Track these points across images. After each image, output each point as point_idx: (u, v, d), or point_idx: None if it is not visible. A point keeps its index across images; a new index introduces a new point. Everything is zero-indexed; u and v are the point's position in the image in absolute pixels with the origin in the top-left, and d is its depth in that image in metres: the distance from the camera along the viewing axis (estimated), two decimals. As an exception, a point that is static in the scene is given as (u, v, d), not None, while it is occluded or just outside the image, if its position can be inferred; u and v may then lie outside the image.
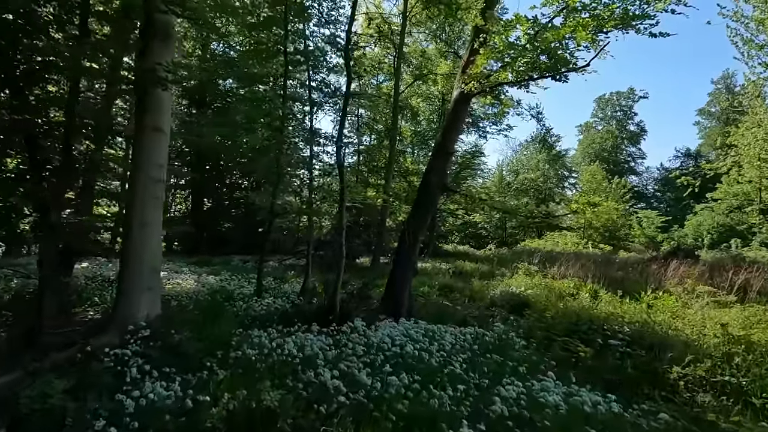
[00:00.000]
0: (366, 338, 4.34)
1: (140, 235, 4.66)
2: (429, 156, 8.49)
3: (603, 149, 52.75)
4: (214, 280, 10.15)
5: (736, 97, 42.96)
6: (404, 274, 6.81)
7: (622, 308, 7.17)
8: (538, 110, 32.76)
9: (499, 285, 10.08)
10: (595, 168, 41.81)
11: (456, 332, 5.00)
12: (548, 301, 7.88)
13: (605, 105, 56.70)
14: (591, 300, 8.28)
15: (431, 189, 6.81)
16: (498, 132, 27.70)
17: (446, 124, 6.95)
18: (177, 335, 4.24)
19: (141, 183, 4.64)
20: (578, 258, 14.15)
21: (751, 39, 20.33)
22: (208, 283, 9.50)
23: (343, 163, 5.78)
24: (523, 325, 6.04)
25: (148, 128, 4.64)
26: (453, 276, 12.41)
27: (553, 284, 9.51)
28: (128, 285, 4.60)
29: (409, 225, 6.98)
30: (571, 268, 11.12)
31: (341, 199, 5.70)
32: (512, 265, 14.30)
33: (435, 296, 9.21)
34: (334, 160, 18.14)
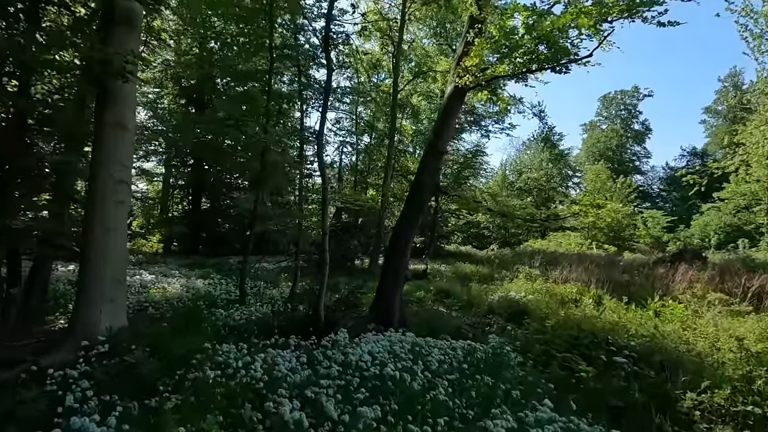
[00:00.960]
0: (344, 355, 3.94)
1: (102, 242, 4.28)
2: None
3: (607, 148, 52.13)
4: (203, 284, 9.80)
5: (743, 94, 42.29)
6: (394, 281, 6.40)
7: (627, 316, 6.74)
8: (541, 108, 32.21)
9: (499, 290, 9.65)
10: (599, 167, 41.23)
11: (446, 346, 4.58)
12: (549, 308, 7.45)
13: (609, 104, 56.05)
14: (594, 307, 7.84)
15: (423, 190, 6.40)
16: (501, 131, 27.24)
17: (438, 122, 6.53)
18: (137, 352, 3.85)
19: (102, 184, 4.26)
20: (581, 260, 13.68)
21: (760, 35, 19.75)
22: (195, 288, 9.14)
23: (323, 161, 5.39)
24: (520, 337, 5.62)
25: (109, 124, 4.26)
26: (451, 279, 11.98)
27: (555, 289, 9.07)
28: (88, 297, 4.23)
29: (400, 228, 6.58)
30: (574, 272, 10.66)
31: (323, 201, 5.29)
32: (513, 268, 13.88)
33: (430, 302, 8.80)
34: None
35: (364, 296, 8.89)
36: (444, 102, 6.54)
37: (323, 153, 5.32)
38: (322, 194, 5.26)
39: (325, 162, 5.36)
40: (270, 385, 3.23)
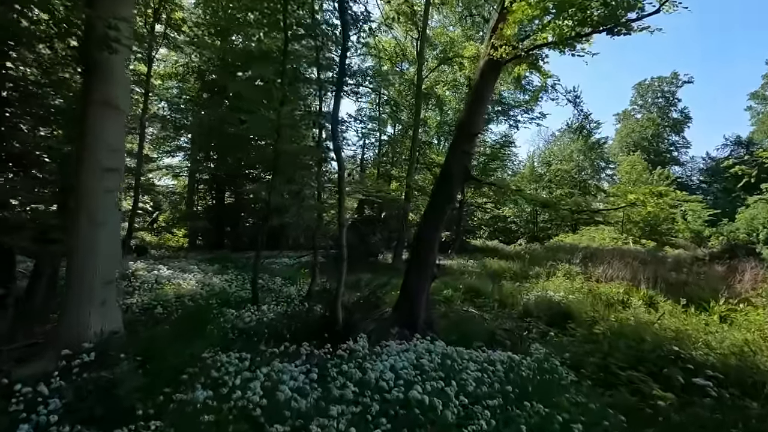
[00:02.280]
0: (363, 371, 3.31)
1: (90, 237, 3.79)
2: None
3: (643, 138, 49.55)
4: (219, 280, 9.40)
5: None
6: (420, 280, 5.73)
7: (690, 322, 5.84)
8: (576, 94, 30.43)
9: (534, 288, 8.82)
10: (635, 158, 39.13)
11: (482, 359, 3.89)
12: (595, 311, 6.61)
13: (645, 91, 53.14)
14: (646, 310, 6.95)
15: (452, 178, 5.67)
16: (530, 120, 26.03)
17: (470, 100, 5.78)
18: (124, 363, 3.34)
19: (89, 172, 3.76)
20: (621, 256, 12.61)
21: None
22: (210, 285, 8.75)
23: (340, 147, 4.75)
24: (567, 346, 4.85)
25: (95, 103, 3.74)
26: (480, 276, 11.20)
27: (598, 289, 8.17)
28: (74, 298, 3.75)
29: (427, 220, 5.88)
30: (617, 269, 9.70)
31: (340, 190, 4.67)
32: (547, 264, 12.95)
33: (459, 302, 8.08)
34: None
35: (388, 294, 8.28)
36: (476, 77, 5.78)
37: (338, 136, 4.69)
38: (338, 183, 4.63)
39: (341, 147, 4.71)
40: (269, 413, 2.63)
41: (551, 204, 5.06)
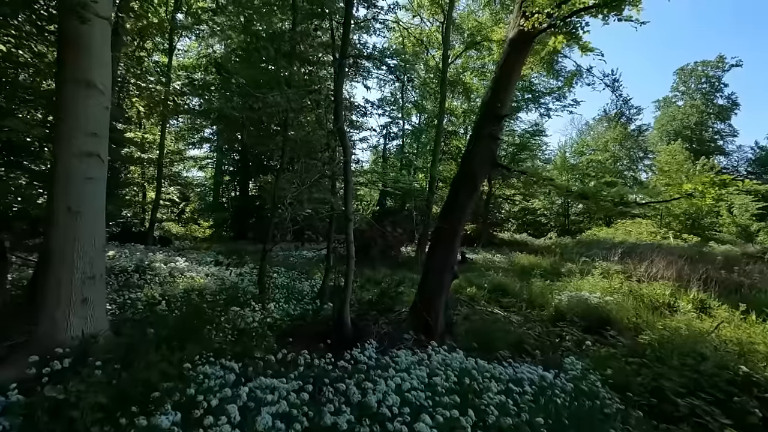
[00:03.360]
0: (364, 392, 2.80)
1: (68, 229, 3.43)
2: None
3: (685, 126, 46.56)
4: (234, 273, 9.14)
5: None
6: (439, 279, 5.16)
7: (754, 333, 5.04)
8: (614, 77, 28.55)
9: (566, 288, 8.08)
10: (676, 147, 36.79)
11: (507, 377, 3.31)
12: (638, 316, 5.87)
13: (688, 77, 49.77)
14: (698, 316, 6.14)
15: (475, 166, 5.04)
16: (562, 108, 24.68)
17: (496, 77, 5.11)
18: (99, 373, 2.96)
19: (65, 156, 3.39)
20: (663, 252, 11.57)
21: None
22: (224, 278, 8.47)
23: (344, 130, 4.20)
24: (608, 359, 4.18)
25: (71, 81, 3.36)
26: (507, 272, 10.50)
27: (640, 290, 7.36)
28: (50, 297, 3.40)
29: (448, 213, 5.29)
30: (660, 267, 8.79)
31: (346, 178, 4.14)
32: (579, 260, 12.07)
33: (483, 301, 7.46)
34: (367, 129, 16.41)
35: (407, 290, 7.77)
36: (504, 52, 5.10)
37: (342, 117, 4.15)
38: (344, 170, 4.10)
39: (345, 127, 4.17)
40: (241, 448, 2.17)
41: (590, 195, 4.38)
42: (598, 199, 4.42)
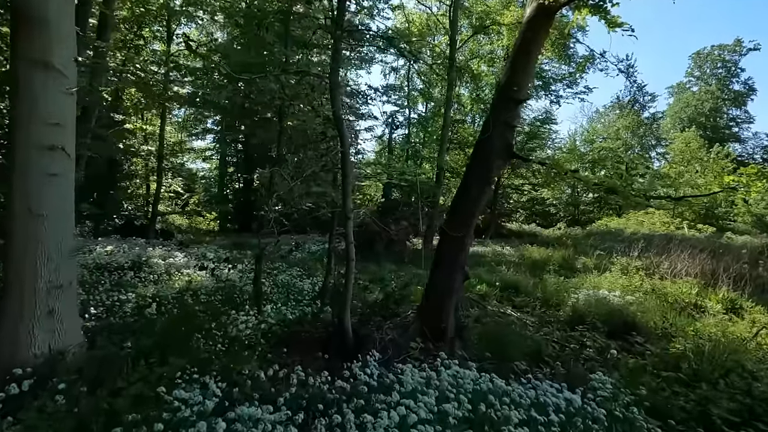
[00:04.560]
0: (362, 424, 2.39)
1: (30, 232, 3.04)
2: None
3: (699, 113, 45.29)
4: (234, 270, 8.77)
5: None
6: (449, 279, 4.73)
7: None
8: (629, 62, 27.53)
9: (582, 285, 7.61)
10: (690, 134, 35.78)
11: (528, 399, 2.89)
12: (665, 319, 5.40)
13: (703, 61, 48.22)
14: (729, 317, 5.66)
15: (490, 156, 4.56)
16: (574, 96, 23.95)
17: (514, 57, 4.59)
18: (59, 396, 2.58)
19: (23, 151, 2.98)
20: (681, 244, 10.98)
21: None
22: (222, 276, 8.11)
23: (340, 115, 3.72)
24: (639, 374, 3.73)
25: (26, 60, 2.93)
26: (518, 267, 10.02)
27: (664, 288, 6.87)
28: (12, 308, 3.02)
29: (456, 209, 4.83)
30: (682, 262, 8.26)
31: (344, 173, 3.67)
32: (594, 253, 11.57)
33: (495, 300, 7.02)
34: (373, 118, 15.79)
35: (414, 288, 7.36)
36: (521, 30, 4.58)
37: (339, 101, 3.67)
38: (341, 162, 3.63)
39: (342, 112, 3.70)
40: None
41: (619, 189, 3.89)
42: (628, 194, 3.94)
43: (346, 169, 3.68)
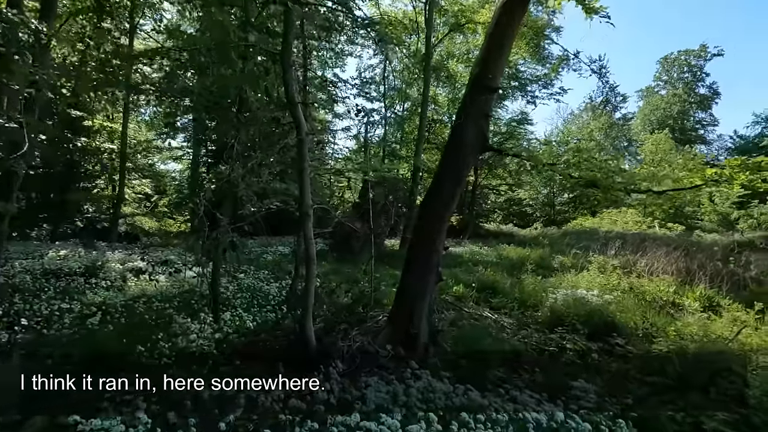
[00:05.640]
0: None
1: None
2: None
3: (667, 116, 46.81)
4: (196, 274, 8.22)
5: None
6: (421, 283, 4.40)
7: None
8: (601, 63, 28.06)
9: (560, 284, 7.43)
10: (661, 136, 36.92)
11: (506, 415, 2.57)
12: (645, 319, 5.22)
13: (671, 66, 49.84)
14: (708, 315, 5.54)
15: (463, 149, 4.26)
16: (549, 96, 24.19)
17: (488, 44, 4.31)
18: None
19: None
20: (654, 243, 11.03)
21: None
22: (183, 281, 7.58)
23: (294, 99, 3.31)
24: (623, 379, 3.48)
25: None
26: (495, 267, 9.81)
27: (641, 286, 6.75)
28: None
29: (429, 206, 4.52)
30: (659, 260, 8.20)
31: (300, 167, 3.26)
32: (570, 252, 11.49)
33: (472, 302, 6.75)
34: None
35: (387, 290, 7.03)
36: (495, 14, 4.30)
37: (292, 83, 3.27)
38: (298, 151, 3.21)
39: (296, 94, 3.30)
40: None
41: (600, 182, 3.67)
42: (610, 187, 3.70)
43: (303, 159, 3.29)
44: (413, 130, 21.03)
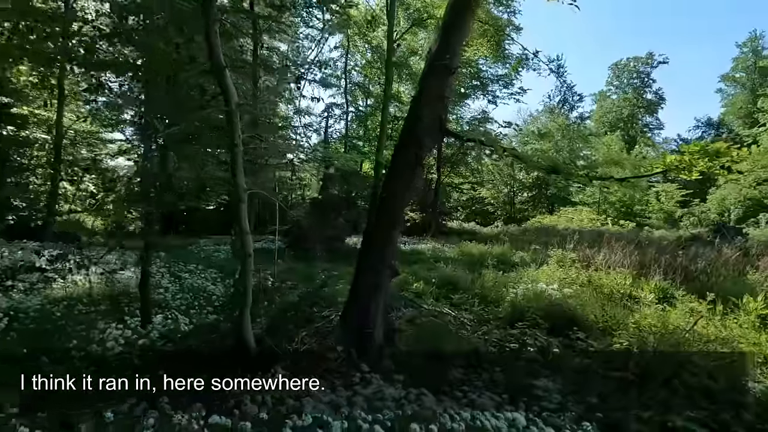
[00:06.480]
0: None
1: None
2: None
3: (619, 119, 49.31)
4: (133, 274, 7.52)
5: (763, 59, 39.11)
6: (375, 279, 4.06)
7: (731, 328, 4.47)
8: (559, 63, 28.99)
9: (522, 279, 7.34)
10: (612, 138, 38.75)
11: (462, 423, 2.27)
12: (604, 311, 5.15)
13: (621, 72, 52.53)
14: (663, 308, 5.56)
15: (419, 134, 3.96)
16: (509, 96, 24.65)
17: (447, 20, 4.04)
18: None
19: None
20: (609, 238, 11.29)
21: None
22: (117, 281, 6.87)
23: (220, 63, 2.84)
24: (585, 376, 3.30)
25: None
26: (457, 263, 9.66)
27: (600, 279, 6.75)
28: None
29: (385, 196, 4.18)
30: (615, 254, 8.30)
31: (232, 140, 2.83)
32: (530, 247, 11.56)
33: (432, 298, 6.50)
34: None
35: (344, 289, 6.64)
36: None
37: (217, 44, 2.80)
38: (228, 124, 2.76)
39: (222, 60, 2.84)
40: None
41: (561, 168, 3.49)
42: (572, 173, 3.52)
43: (234, 134, 2.85)
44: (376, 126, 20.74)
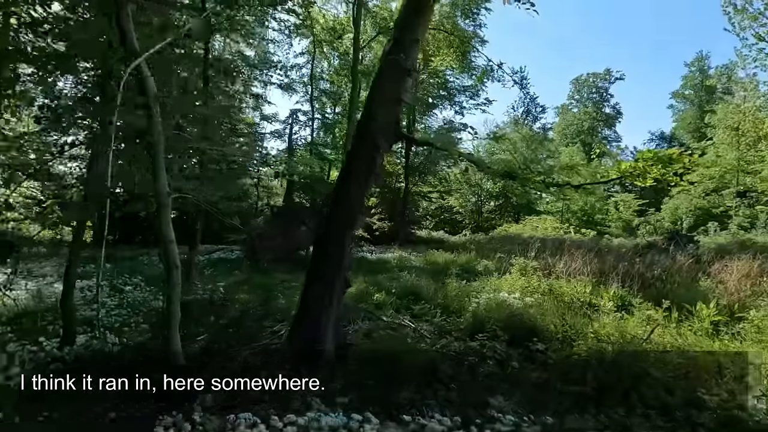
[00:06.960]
0: None
1: None
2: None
3: (580, 131, 51.43)
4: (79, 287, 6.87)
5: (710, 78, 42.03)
6: (326, 290, 3.78)
7: (685, 335, 4.47)
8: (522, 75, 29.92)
9: (484, 288, 7.24)
10: (573, 150, 40.24)
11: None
12: (563, 321, 5.06)
13: (582, 86, 54.91)
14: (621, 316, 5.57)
15: (374, 137, 3.75)
16: (476, 107, 25.12)
17: (403, 16, 3.88)
18: None
19: None
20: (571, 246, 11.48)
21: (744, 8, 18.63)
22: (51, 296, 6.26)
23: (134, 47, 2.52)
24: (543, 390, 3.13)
25: None
26: (422, 273, 9.49)
27: (560, 288, 6.73)
28: None
29: (338, 201, 3.93)
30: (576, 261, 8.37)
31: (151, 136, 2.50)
32: (495, 256, 11.56)
33: (392, 310, 6.25)
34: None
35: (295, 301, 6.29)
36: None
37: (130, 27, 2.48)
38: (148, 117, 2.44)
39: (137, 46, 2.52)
40: None
41: (517, 174, 3.38)
42: (530, 179, 3.41)
43: (154, 130, 2.52)
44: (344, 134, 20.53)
